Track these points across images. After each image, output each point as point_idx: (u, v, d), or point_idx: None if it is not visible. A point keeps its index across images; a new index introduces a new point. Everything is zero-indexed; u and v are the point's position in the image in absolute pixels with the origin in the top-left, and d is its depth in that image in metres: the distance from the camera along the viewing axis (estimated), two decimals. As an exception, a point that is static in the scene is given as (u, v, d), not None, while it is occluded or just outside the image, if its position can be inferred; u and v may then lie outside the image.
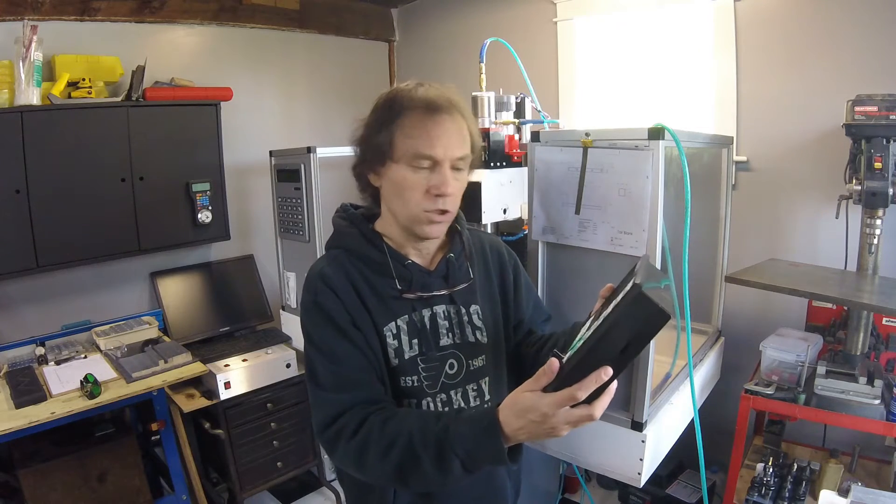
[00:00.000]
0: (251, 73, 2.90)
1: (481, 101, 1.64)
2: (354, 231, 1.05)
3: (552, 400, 0.74)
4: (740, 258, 2.00)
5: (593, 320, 0.82)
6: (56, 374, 2.06)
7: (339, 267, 1.01)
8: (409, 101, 0.97)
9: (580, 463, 1.48)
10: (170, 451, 2.20)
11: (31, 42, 2.04)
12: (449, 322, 1.05)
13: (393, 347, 1.00)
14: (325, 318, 0.97)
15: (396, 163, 0.97)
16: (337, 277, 0.99)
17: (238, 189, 2.84)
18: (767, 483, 1.79)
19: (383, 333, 1.00)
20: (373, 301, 1.00)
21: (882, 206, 1.63)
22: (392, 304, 1.01)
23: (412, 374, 1.01)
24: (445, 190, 0.96)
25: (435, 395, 1.02)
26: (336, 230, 1.08)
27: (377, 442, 0.87)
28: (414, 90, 0.98)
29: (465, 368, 1.05)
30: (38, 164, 2.08)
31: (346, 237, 1.05)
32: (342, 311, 0.97)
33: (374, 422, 0.89)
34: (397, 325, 1.01)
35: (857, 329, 1.75)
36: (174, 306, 2.59)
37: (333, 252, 1.06)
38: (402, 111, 0.96)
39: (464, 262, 1.09)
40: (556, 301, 1.41)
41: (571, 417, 0.75)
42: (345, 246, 1.05)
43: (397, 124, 0.96)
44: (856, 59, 1.95)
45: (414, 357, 1.01)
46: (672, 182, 1.30)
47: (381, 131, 0.97)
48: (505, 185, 1.62)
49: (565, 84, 2.72)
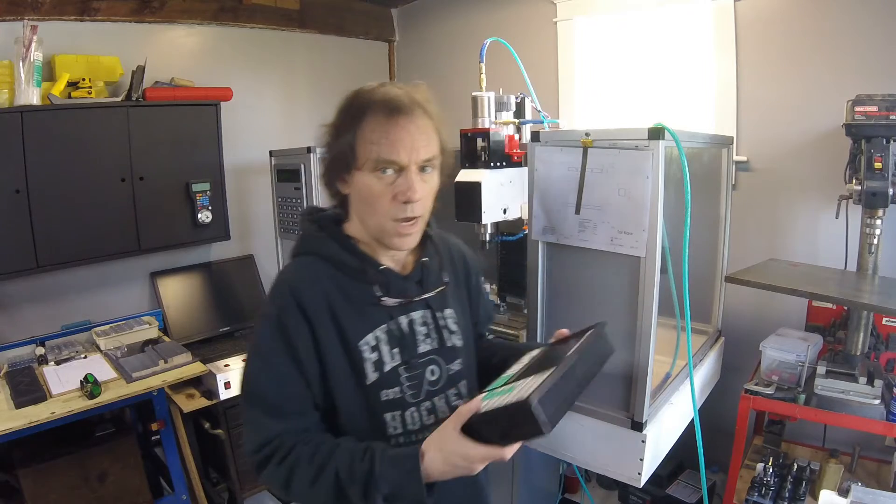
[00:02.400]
0: (251, 73, 2.90)
1: (481, 101, 1.64)
2: (326, 236, 1.00)
3: (482, 454, 0.80)
4: (740, 258, 2.00)
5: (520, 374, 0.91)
6: (56, 374, 2.06)
7: (313, 278, 0.95)
8: (369, 103, 0.91)
9: (580, 463, 1.48)
10: (170, 451, 2.20)
11: (31, 42, 2.04)
12: (427, 328, 1.02)
13: (372, 361, 0.95)
14: (283, 341, 0.91)
15: (360, 170, 0.92)
16: (310, 293, 0.93)
17: (238, 189, 2.84)
18: (767, 483, 1.79)
19: (358, 349, 0.94)
20: (348, 313, 0.95)
21: (882, 206, 1.63)
22: (369, 312, 0.97)
23: (394, 386, 0.97)
24: (412, 196, 0.92)
25: (419, 405, 0.99)
26: (305, 235, 1.02)
27: (305, 470, 0.87)
28: (374, 91, 0.93)
29: (446, 374, 1.03)
30: (38, 164, 2.08)
31: (318, 242, 1.00)
32: (305, 335, 0.91)
33: (303, 452, 0.88)
34: (376, 337, 0.96)
35: (857, 329, 1.75)
36: (174, 306, 2.59)
37: (305, 259, 0.99)
38: (363, 115, 0.91)
39: (437, 267, 1.07)
40: (556, 301, 1.41)
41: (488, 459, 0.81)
42: (317, 252, 0.99)
43: (358, 129, 0.91)
44: (856, 59, 1.95)
45: (396, 367, 0.97)
46: (672, 182, 1.30)
47: (343, 137, 0.92)
48: (505, 185, 1.62)
49: (565, 84, 2.72)
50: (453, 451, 0.80)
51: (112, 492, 2.08)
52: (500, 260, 1.91)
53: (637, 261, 1.24)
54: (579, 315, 1.37)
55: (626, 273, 1.27)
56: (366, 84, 0.96)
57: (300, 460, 0.88)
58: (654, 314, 1.25)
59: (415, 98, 0.95)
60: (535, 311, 1.43)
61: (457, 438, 0.80)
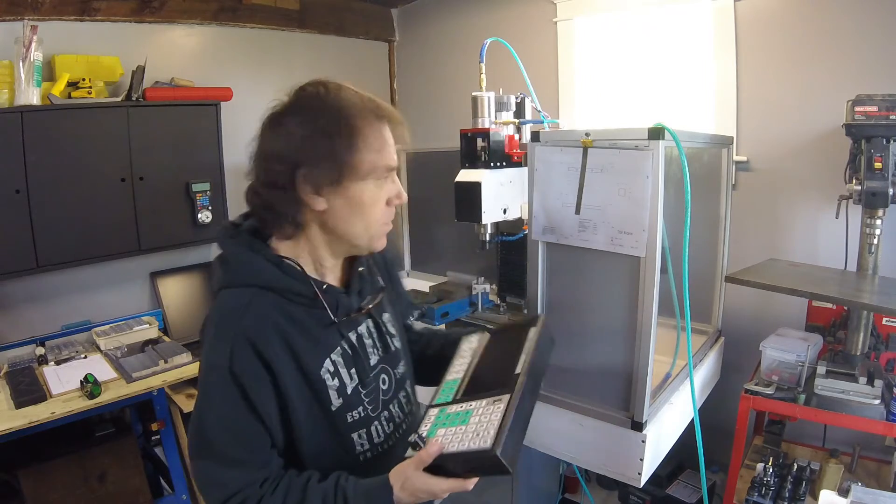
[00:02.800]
0: (251, 73, 2.90)
1: (481, 101, 1.64)
2: (262, 260, 0.89)
3: (447, 487, 0.83)
4: (740, 258, 2.00)
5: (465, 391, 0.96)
6: (56, 374, 2.06)
7: (261, 315, 0.86)
8: (360, 110, 0.87)
9: (580, 463, 1.48)
10: (170, 451, 2.20)
11: (31, 42, 2.04)
12: (372, 339, 1.00)
13: (334, 388, 0.91)
14: (237, 389, 0.83)
15: (363, 180, 0.88)
16: (263, 334, 0.85)
17: (238, 189, 2.79)
18: (767, 483, 1.79)
19: (321, 379, 0.90)
20: (302, 344, 0.88)
21: (882, 206, 1.63)
22: (321, 337, 0.91)
23: (357, 407, 0.95)
24: (404, 196, 0.93)
25: (379, 416, 0.99)
26: (237, 262, 0.90)
27: None
28: (349, 96, 0.88)
29: (394, 379, 1.03)
30: (38, 164, 2.08)
31: (255, 270, 0.88)
32: (264, 381, 0.84)
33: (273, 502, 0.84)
34: (333, 361, 0.92)
35: (857, 329, 1.75)
36: (174, 306, 2.59)
37: (244, 293, 0.87)
38: (356, 123, 0.86)
39: (372, 273, 1.03)
40: (557, 301, 1.41)
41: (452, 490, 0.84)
42: (260, 283, 0.88)
43: (358, 139, 0.85)
44: (856, 59, 1.95)
45: (356, 387, 0.95)
46: (672, 182, 1.30)
47: (338, 147, 0.85)
48: (505, 185, 1.62)
49: (565, 84, 2.72)
50: (419, 488, 0.83)
51: (112, 492, 2.08)
52: (500, 260, 1.91)
53: (637, 261, 1.24)
54: (579, 315, 1.37)
55: (626, 273, 1.26)
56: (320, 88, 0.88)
57: None
58: (654, 314, 1.25)
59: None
60: (535, 311, 1.43)
61: (421, 477, 0.82)
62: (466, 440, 0.83)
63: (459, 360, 1.05)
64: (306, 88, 0.89)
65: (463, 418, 0.88)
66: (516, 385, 0.88)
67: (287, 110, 0.88)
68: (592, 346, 1.36)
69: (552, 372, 1.43)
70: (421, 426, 0.91)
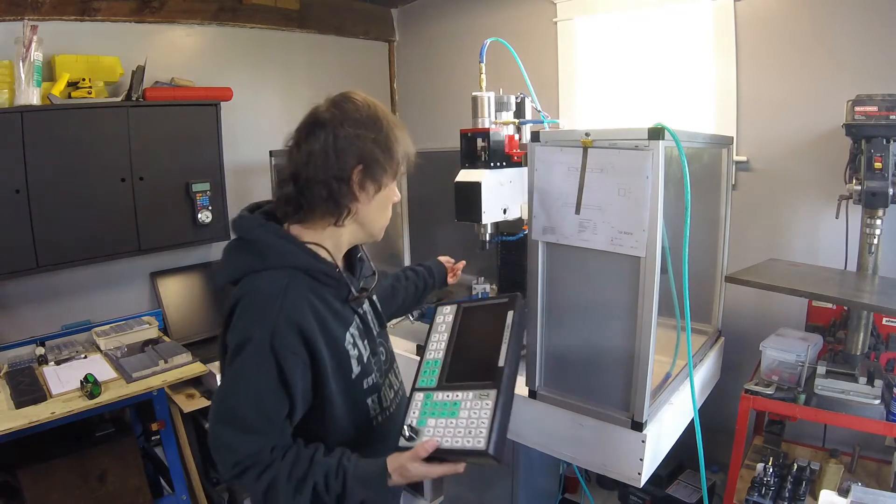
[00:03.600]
0: (251, 73, 2.90)
1: (481, 101, 1.64)
2: (293, 245, 0.99)
3: (441, 472, 0.94)
4: (740, 258, 2.00)
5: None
6: (56, 374, 2.07)
7: (300, 295, 0.95)
8: (397, 124, 1.02)
9: (580, 463, 1.48)
10: (170, 451, 2.20)
11: (31, 42, 2.04)
12: (372, 315, 1.15)
13: (355, 356, 1.03)
14: (273, 366, 0.91)
15: (393, 181, 1.05)
16: (303, 312, 0.95)
17: (238, 189, 2.84)
18: (767, 483, 1.79)
19: (345, 349, 1.01)
20: (329, 319, 0.99)
21: (882, 206, 1.63)
22: (342, 313, 1.04)
23: (371, 374, 1.07)
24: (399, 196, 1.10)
25: (384, 383, 1.12)
26: (268, 246, 0.98)
27: (284, 487, 0.92)
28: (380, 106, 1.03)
29: (388, 349, 1.18)
30: (38, 164, 2.08)
31: (293, 255, 0.98)
32: (302, 355, 0.94)
33: (281, 468, 0.93)
34: (352, 334, 1.04)
35: (857, 329, 1.75)
36: (174, 306, 2.59)
37: (283, 275, 0.96)
38: (398, 133, 1.02)
39: (368, 258, 1.17)
40: (556, 301, 1.40)
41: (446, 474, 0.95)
42: (294, 265, 0.98)
43: (401, 144, 1.02)
44: (856, 59, 1.95)
45: (368, 356, 1.08)
46: (672, 182, 1.30)
47: (392, 151, 1.01)
48: (505, 185, 1.62)
49: (565, 84, 2.72)
50: (415, 475, 0.93)
51: (112, 492, 2.08)
52: (500, 260, 1.91)
53: (637, 261, 1.24)
54: (579, 315, 1.37)
55: (626, 273, 1.26)
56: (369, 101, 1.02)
57: (279, 477, 0.93)
58: (654, 314, 1.25)
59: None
60: (535, 310, 1.43)
61: (417, 466, 0.92)
62: (459, 437, 0.91)
63: (435, 337, 1.11)
64: (367, 98, 1.02)
65: (451, 410, 0.96)
66: (503, 381, 0.95)
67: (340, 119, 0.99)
68: (592, 346, 1.36)
69: (552, 372, 1.45)
70: (409, 413, 0.99)
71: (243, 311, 0.95)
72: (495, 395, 0.93)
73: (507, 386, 0.95)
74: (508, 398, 0.96)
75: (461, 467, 0.93)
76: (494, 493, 2.06)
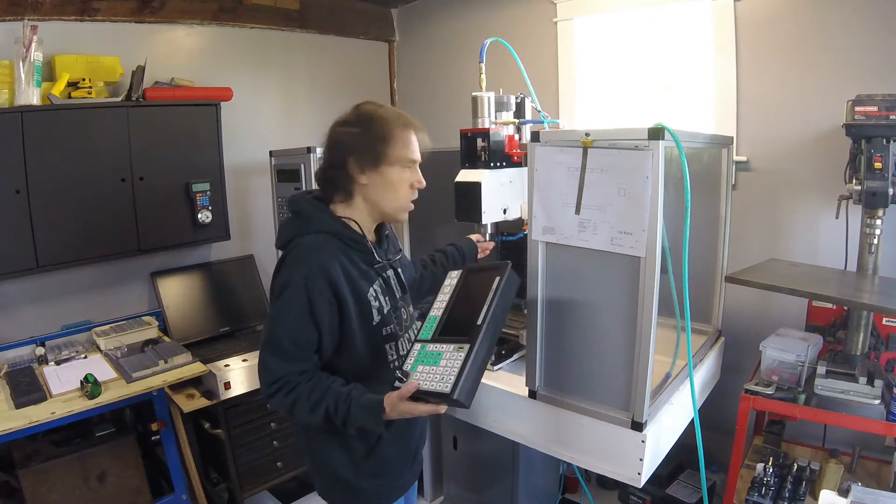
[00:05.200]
0: (251, 73, 2.90)
1: (481, 101, 1.64)
2: (329, 216, 1.27)
3: (424, 410, 1.11)
4: (740, 258, 2.00)
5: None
6: (56, 374, 2.07)
7: (331, 252, 1.22)
8: (394, 121, 1.25)
9: (580, 463, 1.48)
10: (170, 451, 2.20)
11: (31, 42, 2.04)
12: (394, 281, 1.36)
13: (376, 307, 1.27)
14: (305, 300, 1.17)
15: (391, 165, 1.25)
16: (332, 263, 1.20)
17: (238, 189, 2.84)
18: (767, 483, 1.79)
19: (367, 300, 1.25)
20: (355, 275, 1.24)
21: (882, 206, 1.63)
22: (367, 272, 1.28)
23: (390, 323, 1.31)
24: (423, 184, 1.31)
25: (403, 336, 1.35)
26: (313, 217, 1.27)
27: (304, 403, 1.18)
28: (388, 110, 1.28)
29: (408, 312, 1.40)
30: (38, 164, 2.08)
31: (328, 222, 1.26)
32: (328, 297, 1.19)
33: (304, 389, 1.18)
34: (374, 290, 1.27)
35: (857, 329, 1.75)
36: (174, 306, 2.59)
37: (320, 237, 1.24)
38: (391, 128, 1.24)
39: (395, 237, 1.43)
40: (556, 301, 1.41)
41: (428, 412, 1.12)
42: (331, 230, 1.25)
43: (390, 137, 1.24)
44: (856, 59, 1.95)
45: (390, 310, 1.31)
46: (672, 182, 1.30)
47: (377, 143, 1.23)
48: (505, 185, 1.62)
49: (565, 84, 2.72)
50: (403, 410, 1.12)
51: (112, 492, 2.08)
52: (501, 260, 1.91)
53: (637, 261, 1.24)
54: (579, 315, 1.37)
55: (626, 273, 1.26)
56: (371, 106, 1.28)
57: (301, 395, 1.18)
58: (654, 314, 1.25)
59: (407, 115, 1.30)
60: (535, 311, 1.43)
61: (404, 404, 1.11)
62: (435, 382, 1.08)
63: (441, 297, 1.28)
64: (362, 106, 1.29)
65: (435, 359, 1.13)
66: (478, 337, 1.10)
67: (349, 120, 1.27)
68: (592, 346, 1.36)
69: (552, 372, 1.45)
70: (408, 359, 1.18)
71: (288, 262, 1.22)
72: (468, 348, 1.09)
73: (482, 341, 1.10)
74: (483, 352, 1.11)
75: (442, 408, 1.10)
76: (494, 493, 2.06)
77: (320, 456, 1.34)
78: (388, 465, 1.35)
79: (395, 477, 1.38)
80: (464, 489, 2.19)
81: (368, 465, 1.31)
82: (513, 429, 1.57)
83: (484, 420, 1.63)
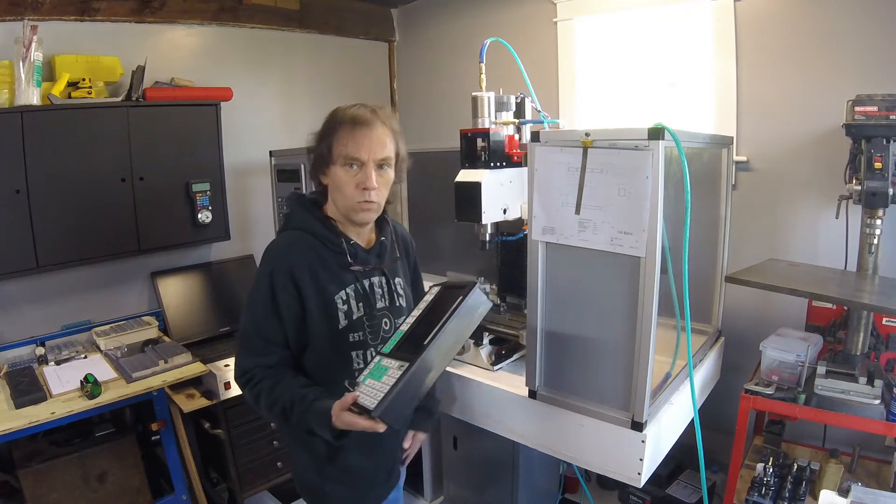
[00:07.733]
0: (251, 73, 2.90)
1: (481, 101, 1.64)
2: (311, 216, 1.30)
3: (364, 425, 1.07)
4: (740, 258, 2.00)
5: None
6: (56, 374, 2.07)
7: (299, 248, 1.25)
8: (342, 118, 1.25)
9: (580, 463, 1.48)
10: (170, 451, 2.20)
11: (31, 42, 2.04)
12: (382, 290, 1.35)
13: (343, 311, 1.27)
14: (269, 294, 1.22)
15: (335, 164, 1.26)
16: (297, 258, 1.24)
17: (238, 189, 2.84)
18: (767, 483, 1.79)
19: (334, 302, 1.26)
20: (325, 275, 1.25)
21: (882, 206, 1.63)
22: (341, 275, 1.28)
23: (359, 331, 1.29)
24: (370, 184, 1.25)
25: (376, 346, 1.30)
26: (294, 214, 1.32)
27: (266, 398, 1.21)
28: (346, 109, 1.26)
29: (394, 326, 1.35)
30: (38, 164, 2.08)
31: (303, 219, 1.29)
32: (291, 291, 1.22)
33: (266, 385, 1.21)
34: (346, 293, 1.28)
35: (857, 329, 1.75)
36: (174, 306, 2.59)
37: (295, 233, 1.28)
38: (337, 126, 1.25)
39: (391, 244, 1.40)
40: (557, 301, 1.40)
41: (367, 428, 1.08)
42: (305, 228, 1.28)
43: (334, 136, 1.25)
44: (856, 59, 1.95)
45: (361, 317, 1.29)
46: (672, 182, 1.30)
47: (323, 141, 1.26)
48: (505, 185, 1.62)
49: (565, 84, 2.72)
50: (346, 421, 1.09)
51: (112, 492, 2.08)
52: (500, 260, 1.91)
53: (637, 261, 1.24)
54: (579, 315, 1.37)
55: (626, 273, 1.26)
56: (347, 104, 1.29)
57: (263, 390, 1.21)
58: (654, 314, 1.24)
59: (377, 114, 1.26)
60: (535, 311, 1.43)
61: (345, 414, 1.08)
62: (371, 397, 1.05)
63: (415, 312, 1.24)
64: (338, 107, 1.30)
65: (381, 374, 1.09)
66: (419, 357, 1.05)
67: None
68: (592, 346, 1.36)
69: (552, 372, 1.44)
70: (364, 370, 1.15)
71: (262, 258, 1.28)
72: (406, 367, 1.05)
73: (422, 362, 1.06)
74: (423, 374, 1.07)
75: (380, 427, 1.05)
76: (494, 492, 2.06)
77: (292, 453, 1.40)
78: (353, 475, 1.34)
79: (363, 489, 1.37)
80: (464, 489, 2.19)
81: (332, 471, 1.32)
82: (513, 429, 1.57)
83: (484, 420, 1.63)
